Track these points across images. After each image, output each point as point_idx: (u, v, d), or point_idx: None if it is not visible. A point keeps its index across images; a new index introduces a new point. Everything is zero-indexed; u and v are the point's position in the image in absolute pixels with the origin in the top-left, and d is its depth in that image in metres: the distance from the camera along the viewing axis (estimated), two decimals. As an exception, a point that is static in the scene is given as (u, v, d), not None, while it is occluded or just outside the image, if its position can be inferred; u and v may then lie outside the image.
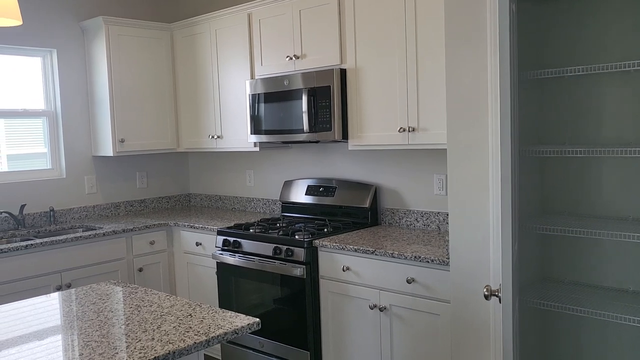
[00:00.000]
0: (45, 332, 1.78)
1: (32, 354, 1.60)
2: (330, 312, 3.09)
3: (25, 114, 4.04)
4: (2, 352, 1.63)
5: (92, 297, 2.16)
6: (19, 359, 1.57)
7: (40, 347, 1.65)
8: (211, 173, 4.71)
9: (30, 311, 2.01)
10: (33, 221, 3.96)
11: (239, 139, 3.93)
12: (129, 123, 4.12)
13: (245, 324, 1.80)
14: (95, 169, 4.30)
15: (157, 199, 4.67)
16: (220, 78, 4.01)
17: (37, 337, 1.75)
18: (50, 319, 1.92)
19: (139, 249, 3.86)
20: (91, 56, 4.16)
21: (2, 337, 1.75)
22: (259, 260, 3.31)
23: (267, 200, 4.27)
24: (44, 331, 1.79)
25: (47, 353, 1.61)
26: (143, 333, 1.74)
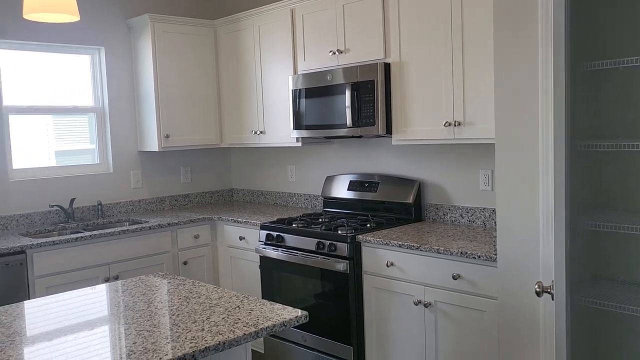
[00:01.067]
0: (99, 321, 1.83)
1: (87, 342, 1.65)
2: (373, 307, 3.07)
3: (75, 110, 4.15)
4: (58, 339, 1.68)
5: (141, 288, 2.21)
6: (76, 345, 1.62)
7: (95, 335, 1.70)
8: (253, 168, 4.75)
9: (84, 301, 2.06)
10: (82, 214, 4.07)
11: (281, 135, 3.94)
12: (173, 119, 4.19)
13: (293, 316, 1.80)
14: (141, 164, 4.39)
15: (201, 193, 4.73)
16: (263, 74, 4.03)
17: (91, 325, 1.79)
18: (103, 308, 1.97)
19: (183, 242, 3.92)
20: (137, 53, 4.24)
21: (58, 326, 1.80)
22: (302, 255, 3.32)
23: (309, 195, 4.28)
24: (97, 320, 1.84)
25: (102, 341, 1.65)
26: (193, 324, 1.76)
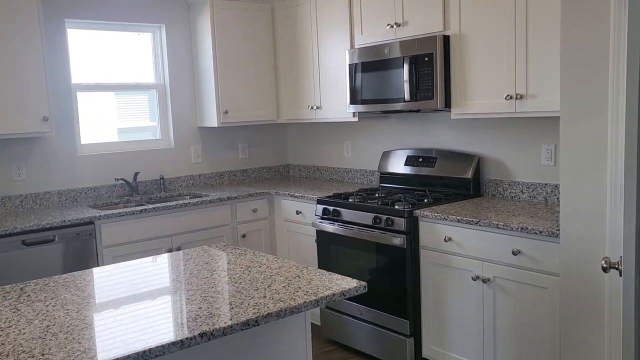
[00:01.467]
0: (165, 288, 1.91)
1: (155, 306, 1.72)
2: (430, 282, 3.07)
3: (138, 87, 4.28)
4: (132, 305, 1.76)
5: (204, 257, 2.28)
6: (146, 309, 1.69)
7: (163, 300, 1.77)
8: (309, 144, 4.78)
9: (151, 268, 2.15)
10: (145, 188, 4.22)
11: (338, 110, 3.94)
12: (232, 95, 4.26)
13: (352, 286, 1.83)
14: (200, 139, 4.50)
15: (258, 169, 4.81)
16: (320, 49, 4.03)
17: (159, 291, 1.87)
18: (169, 276, 2.05)
19: (242, 216, 4.01)
20: (196, 31, 4.32)
21: (130, 292, 1.89)
22: (359, 229, 3.34)
23: (365, 171, 4.28)
24: (163, 286, 1.92)
25: (169, 305, 1.72)
26: (255, 291, 1.81)
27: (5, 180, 3.65)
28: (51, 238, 3.25)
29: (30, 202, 3.74)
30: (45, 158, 3.79)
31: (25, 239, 3.17)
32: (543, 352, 2.61)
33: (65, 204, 3.87)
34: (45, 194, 3.79)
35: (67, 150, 3.88)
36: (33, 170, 3.75)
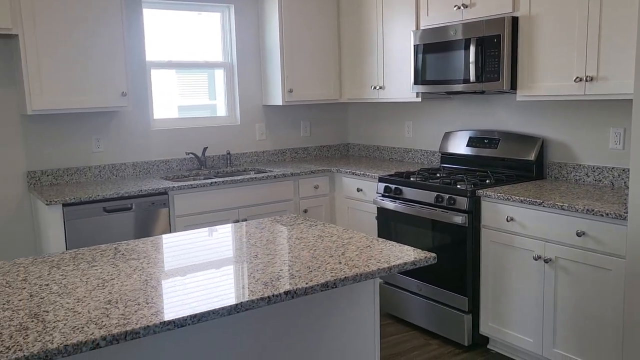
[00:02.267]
0: (247, 252, 2.05)
1: (242, 267, 1.86)
2: (490, 260, 3.12)
3: (207, 65, 4.45)
4: (221, 266, 1.91)
5: (278, 226, 2.42)
6: (236, 268, 1.84)
7: (248, 262, 1.91)
8: (370, 124, 4.85)
9: (232, 234, 2.31)
10: (212, 162, 4.41)
11: (401, 90, 4.00)
12: (296, 74, 4.37)
13: (423, 257, 1.92)
14: (265, 117, 4.65)
15: (319, 147, 4.93)
16: (384, 30, 4.08)
17: (243, 255, 2.01)
18: (249, 241, 2.19)
19: (304, 191, 4.15)
20: (263, 11, 4.44)
21: (216, 255, 2.05)
22: (420, 207, 3.41)
23: (425, 151, 4.33)
24: (246, 250, 2.06)
25: (254, 266, 1.86)
26: (330, 257, 1.93)
27: (86, 151, 3.90)
28: (129, 206, 3.47)
29: (107, 172, 3.98)
30: (121, 132, 4.02)
31: (105, 206, 3.40)
32: (604, 333, 2.64)
33: (139, 175, 4.10)
34: (121, 165, 4.03)
35: (141, 125, 4.10)
36: (110, 143, 3.99)
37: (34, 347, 1.30)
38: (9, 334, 1.37)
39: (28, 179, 3.71)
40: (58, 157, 3.80)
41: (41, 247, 3.61)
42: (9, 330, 1.39)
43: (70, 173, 3.84)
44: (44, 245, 3.52)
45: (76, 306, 1.54)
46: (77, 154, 3.87)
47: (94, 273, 1.84)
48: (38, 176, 3.74)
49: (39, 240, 3.66)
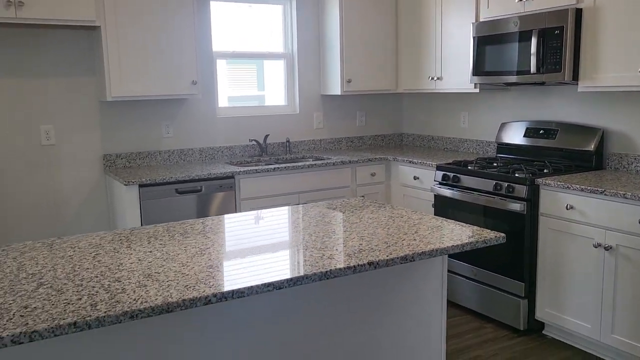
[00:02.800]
0: (325, 228, 2.20)
1: (324, 241, 2.02)
2: (548, 247, 3.20)
3: (269, 56, 4.63)
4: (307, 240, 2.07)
5: (349, 207, 2.56)
6: (315, 234, 1.99)
7: (329, 237, 2.07)
8: (425, 114, 4.95)
9: (307, 213, 2.46)
10: (273, 149, 4.59)
11: (458, 81, 4.08)
12: (355, 65, 4.51)
13: (493, 236, 2.03)
14: (322, 106, 4.80)
15: (374, 136, 5.06)
16: (443, 22, 4.17)
17: (321, 230, 2.17)
18: (324, 219, 2.34)
19: (361, 179, 4.28)
20: (324, 3, 4.58)
21: (299, 231, 2.21)
22: (478, 195, 3.51)
23: (481, 141, 4.40)
24: (323, 227, 2.21)
25: (334, 240, 2.01)
26: (404, 235, 2.07)
27: (157, 137, 4.13)
28: (198, 188, 3.68)
29: (176, 156, 4.21)
30: (189, 119, 4.24)
31: (177, 187, 3.61)
32: (663, 320, 2.69)
33: (205, 160, 4.31)
34: (188, 150, 4.25)
35: (207, 112, 4.31)
36: (179, 129, 4.21)
37: (156, 300, 1.48)
38: (131, 289, 1.56)
39: (104, 161, 3.97)
40: (131, 141, 4.05)
41: (115, 225, 3.86)
42: (130, 287, 1.58)
43: (142, 157, 4.08)
44: (118, 223, 3.77)
45: (182, 269, 1.72)
46: (148, 138, 4.10)
47: (189, 243, 2.02)
48: (113, 159, 3.99)
49: (112, 218, 3.91)
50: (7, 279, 1.66)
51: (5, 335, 1.28)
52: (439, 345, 2.31)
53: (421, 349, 2.27)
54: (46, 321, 1.35)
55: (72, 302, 1.47)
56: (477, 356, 3.12)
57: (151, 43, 3.72)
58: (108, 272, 1.71)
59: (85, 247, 2.00)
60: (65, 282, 1.63)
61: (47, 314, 1.40)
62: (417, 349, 2.26)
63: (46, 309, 1.42)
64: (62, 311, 1.41)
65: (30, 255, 1.91)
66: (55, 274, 1.70)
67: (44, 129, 3.76)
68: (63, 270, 1.73)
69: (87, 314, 1.39)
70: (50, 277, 1.67)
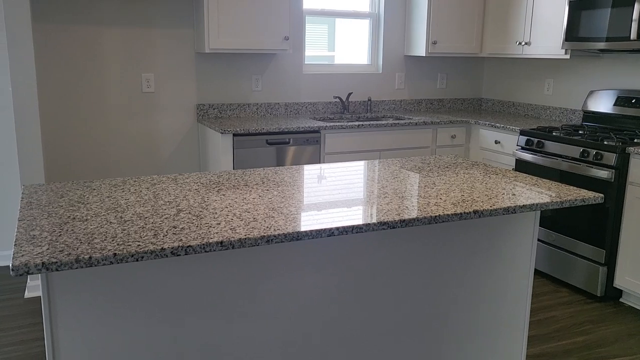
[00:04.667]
0: (425, 181, 2.32)
1: (430, 189, 2.14)
2: (634, 216, 3.21)
3: (356, 15, 4.69)
4: (408, 185, 2.20)
5: (442, 161, 2.67)
6: (411, 182, 2.12)
7: (431, 187, 2.19)
8: (507, 79, 4.92)
9: (401, 165, 2.59)
10: (354, 108, 4.71)
11: (548, 46, 4.05)
12: (441, 26, 4.52)
13: (591, 195, 2.10)
14: (405, 67, 4.85)
15: (453, 99, 5.08)
16: (536, -16, 4.11)
17: (420, 181, 2.29)
18: (421, 172, 2.46)
19: (441, 140, 4.35)
20: (414, -37, 4.58)
21: (398, 179, 2.34)
22: (563, 161, 3.53)
23: (565, 109, 4.36)
24: (421, 179, 2.34)
25: (436, 191, 2.13)
26: (502, 190, 2.17)
27: (247, 89, 4.32)
28: (287, 140, 3.86)
29: (263, 110, 4.39)
30: (277, 73, 4.39)
31: (268, 138, 3.80)
32: None
33: (290, 114, 4.48)
34: (275, 104, 4.43)
35: (294, 68, 4.45)
36: (267, 83, 4.38)
37: (286, 228, 1.65)
38: (262, 218, 1.74)
39: (197, 110, 4.20)
40: (223, 92, 4.25)
41: (207, 168, 4.10)
42: (260, 217, 1.76)
43: (232, 108, 4.29)
44: (210, 167, 4.01)
45: (301, 205, 1.89)
46: (239, 91, 4.30)
47: (300, 186, 2.19)
48: (206, 109, 4.22)
49: (204, 163, 4.15)
50: (149, 204, 1.88)
51: (167, 247, 1.49)
52: (526, 290, 2.42)
53: (512, 289, 2.39)
54: (196, 239, 1.55)
55: (212, 226, 1.66)
56: (553, 316, 3.21)
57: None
58: (235, 204, 1.90)
59: (207, 183, 2.20)
60: (200, 209, 1.83)
61: (195, 233, 1.59)
62: (508, 290, 2.38)
63: (192, 230, 1.62)
64: (207, 232, 1.61)
65: (160, 187, 2.12)
66: (189, 203, 1.91)
67: (145, 77, 4.01)
68: (195, 201, 1.93)
69: (229, 236, 1.58)
70: (185, 205, 1.88)
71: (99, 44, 3.84)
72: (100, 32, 3.83)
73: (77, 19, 3.75)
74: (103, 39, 3.85)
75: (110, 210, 1.80)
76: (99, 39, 3.84)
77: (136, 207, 1.83)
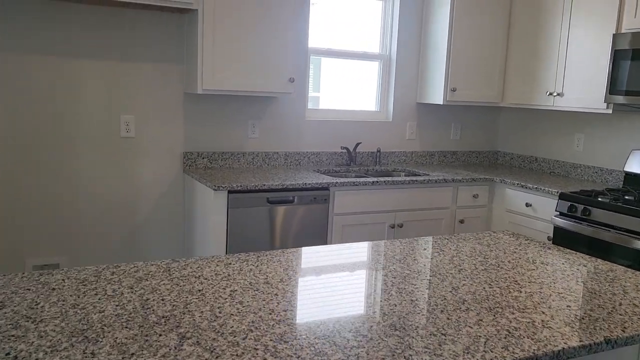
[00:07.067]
0: (499, 275, 1.76)
1: (506, 290, 1.58)
2: None
3: (365, 56, 4.20)
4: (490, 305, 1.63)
5: (507, 246, 2.12)
6: (498, 286, 1.56)
7: (509, 286, 1.63)
8: (527, 131, 4.46)
9: (455, 249, 2.03)
10: (361, 159, 4.17)
11: (585, 99, 3.59)
12: (460, 72, 4.05)
13: None
14: (417, 115, 4.35)
15: (467, 152, 4.59)
16: (571, 30, 3.68)
17: (494, 276, 1.73)
18: (487, 260, 1.90)
19: (462, 200, 3.83)
20: (430, 3, 4.13)
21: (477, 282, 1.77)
22: (617, 233, 3.02)
23: (600, 169, 3.90)
24: (495, 271, 1.78)
25: (525, 296, 1.57)
26: (613, 296, 1.61)
27: (242, 136, 3.75)
28: (290, 199, 3.27)
29: (260, 160, 3.81)
30: (276, 119, 3.84)
31: (269, 196, 3.21)
32: None
33: (290, 166, 3.91)
34: (273, 153, 3.85)
35: (296, 113, 3.90)
36: (264, 130, 3.81)
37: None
38: (309, 356, 1.14)
39: (184, 159, 3.59)
40: (214, 139, 3.67)
41: (193, 229, 3.48)
42: (307, 354, 1.16)
43: (224, 157, 3.70)
44: (196, 227, 3.39)
45: (358, 327, 1.30)
46: (232, 138, 3.72)
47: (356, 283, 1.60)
48: (194, 158, 3.62)
49: (189, 221, 3.53)
50: (134, 322, 1.26)
51: None
52: None
53: None
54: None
55: (238, 375, 1.06)
56: None
57: (248, 34, 3.34)
58: (261, 323, 1.30)
59: (211, 276, 1.60)
60: (213, 335, 1.22)
61: (213, 394, 0.99)
62: None
63: (208, 385, 1.02)
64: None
65: (149, 284, 1.51)
66: (193, 319, 1.30)
67: (124, 119, 3.40)
68: (201, 315, 1.33)
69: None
70: (189, 324, 1.27)
71: (69, 79, 3.24)
72: (71, 65, 3.23)
73: (43, 47, 3.16)
74: (74, 72, 3.25)
75: (75, 336, 1.18)
76: (70, 73, 3.24)
77: (116, 331, 1.22)
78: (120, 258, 3.50)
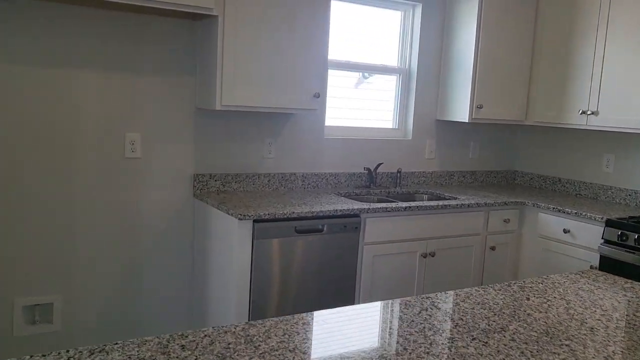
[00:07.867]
0: (596, 339, 1.48)
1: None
2: None
3: (384, 70, 3.92)
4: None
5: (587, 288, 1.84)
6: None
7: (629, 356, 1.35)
8: (548, 151, 4.26)
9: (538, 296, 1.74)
10: (381, 180, 3.87)
11: (627, 119, 3.39)
12: (486, 89, 3.81)
13: None
14: (436, 133, 4.09)
15: (486, 172, 4.36)
16: (607, 45, 3.49)
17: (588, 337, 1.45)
18: (575, 315, 1.62)
19: (493, 226, 3.57)
20: (453, 14, 3.89)
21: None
22: (677, 265, 2.80)
23: (633, 191, 3.70)
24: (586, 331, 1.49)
25: None
26: None
27: (257, 156, 3.40)
28: (319, 228, 2.95)
29: (276, 182, 3.47)
30: (293, 138, 3.51)
31: (297, 225, 2.88)
32: None
33: (307, 188, 3.59)
34: (290, 175, 3.52)
35: (314, 131, 3.58)
36: (280, 149, 3.48)
37: None
38: None
39: (195, 182, 3.22)
40: (227, 159, 3.31)
41: (206, 261, 3.11)
42: None
43: (238, 180, 3.34)
44: (211, 260, 3.02)
45: None
46: (247, 158, 3.37)
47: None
48: (205, 180, 3.25)
49: (202, 257, 3.16)
50: None
51: None
52: None
53: None
54: None
55: None
56: None
57: (274, 44, 3.01)
58: None
59: (308, 350, 1.26)
60: None
61: None
62: None
63: None
64: None
65: (238, 366, 1.17)
66: None
67: (129, 137, 3.02)
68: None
69: None
70: None
71: (67, 92, 2.84)
72: (69, 76, 2.84)
73: (35, 56, 2.76)
74: (73, 85, 2.85)
75: None
76: (68, 85, 2.84)
77: None
78: (121, 297, 3.10)
